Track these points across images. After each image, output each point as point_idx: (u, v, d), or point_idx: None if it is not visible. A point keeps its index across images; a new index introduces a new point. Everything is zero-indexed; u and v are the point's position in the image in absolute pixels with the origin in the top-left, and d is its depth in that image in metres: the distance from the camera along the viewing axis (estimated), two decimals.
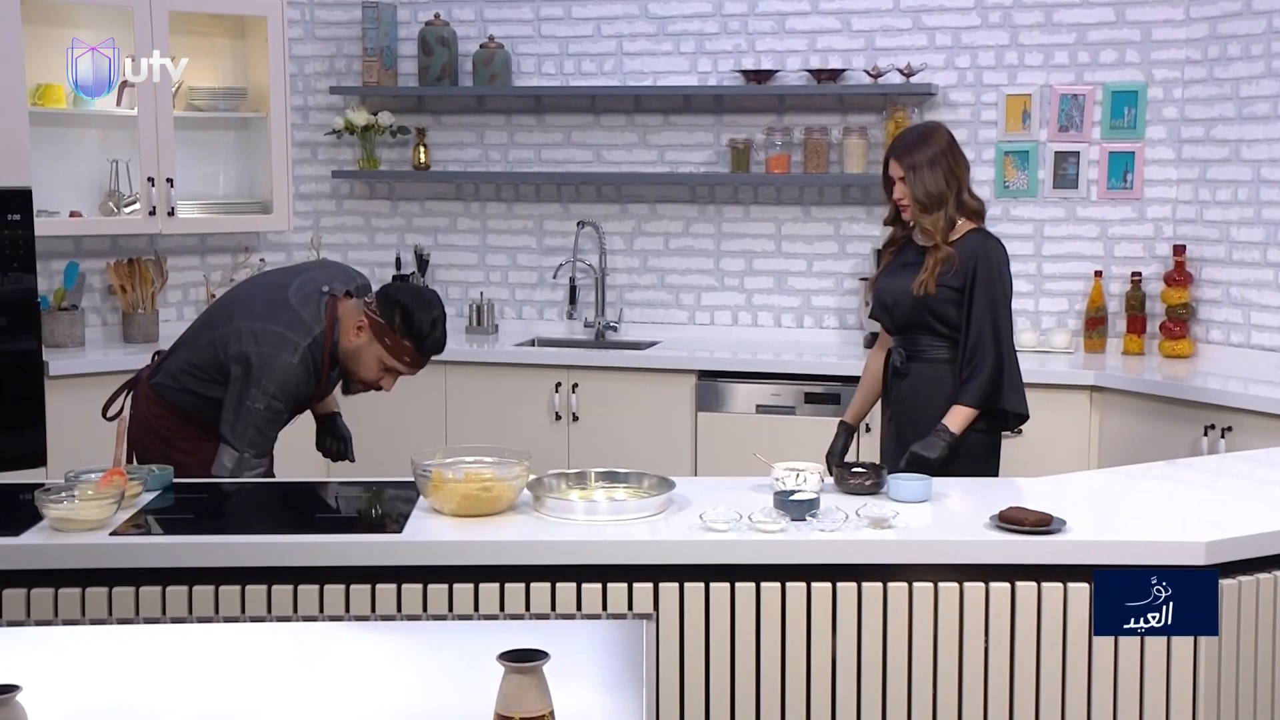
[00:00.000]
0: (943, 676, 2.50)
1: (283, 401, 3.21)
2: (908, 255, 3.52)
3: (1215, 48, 4.84)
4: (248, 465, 3.19)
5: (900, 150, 3.45)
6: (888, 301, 3.51)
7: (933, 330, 3.45)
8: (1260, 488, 3.18)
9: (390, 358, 3.27)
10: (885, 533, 2.55)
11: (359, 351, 3.27)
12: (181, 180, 5.18)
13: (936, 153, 3.41)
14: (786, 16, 5.33)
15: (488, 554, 2.49)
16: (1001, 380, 3.38)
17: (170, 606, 2.45)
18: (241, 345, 3.20)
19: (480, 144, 5.69)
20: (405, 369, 3.30)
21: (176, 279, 5.46)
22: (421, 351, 3.28)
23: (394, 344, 3.25)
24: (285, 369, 3.19)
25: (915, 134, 3.49)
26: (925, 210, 3.41)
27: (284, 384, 3.19)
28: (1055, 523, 2.55)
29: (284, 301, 3.25)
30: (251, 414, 3.18)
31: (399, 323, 3.24)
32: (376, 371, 3.29)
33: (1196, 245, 4.93)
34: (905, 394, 3.49)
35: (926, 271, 3.40)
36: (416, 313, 3.24)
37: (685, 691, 2.50)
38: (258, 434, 3.20)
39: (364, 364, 3.29)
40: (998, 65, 5.15)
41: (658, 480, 2.78)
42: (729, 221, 5.49)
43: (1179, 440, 4.24)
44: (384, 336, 3.24)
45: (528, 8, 5.58)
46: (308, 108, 5.74)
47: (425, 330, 3.25)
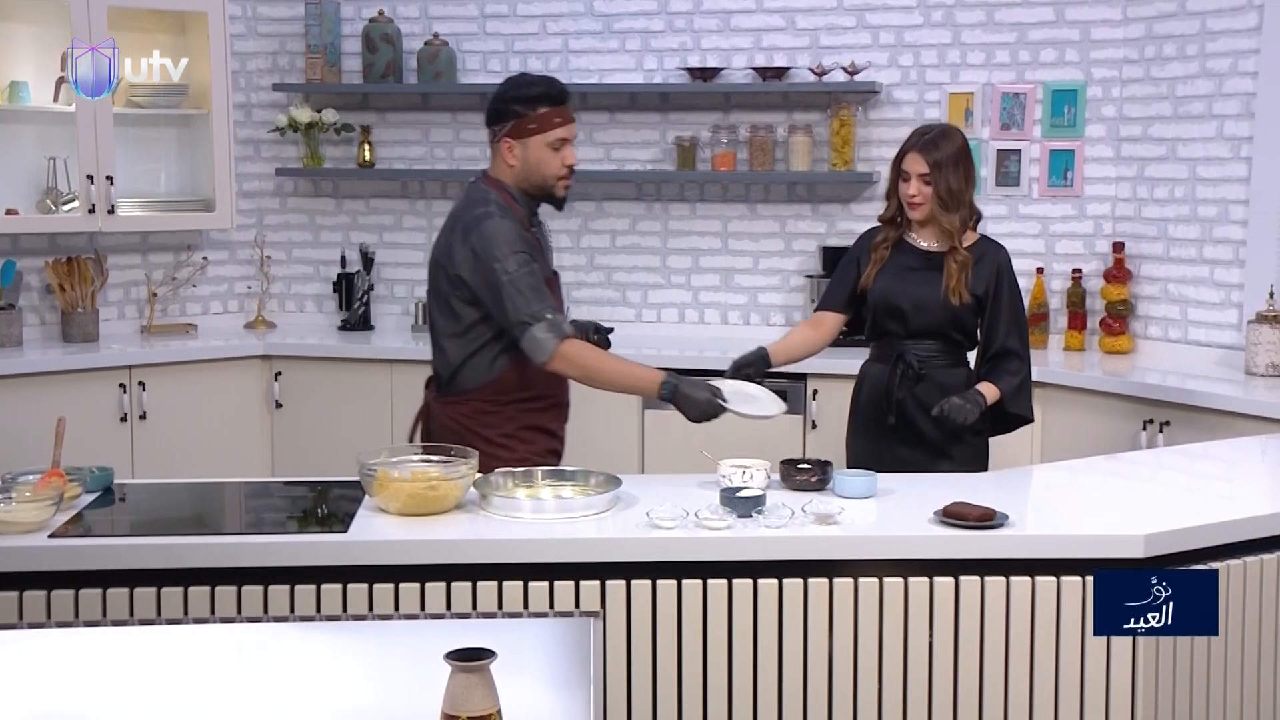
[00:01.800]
0: (888, 671, 2.52)
1: (525, 251, 3.11)
2: (907, 259, 3.46)
3: (1152, 48, 4.91)
4: (555, 325, 3.07)
5: (925, 145, 3.39)
6: (904, 307, 3.42)
7: (947, 338, 3.44)
8: (1197, 481, 3.24)
9: (545, 133, 3.16)
10: (831, 529, 2.57)
11: (526, 160, 3.18)
12: (122, 178, 5.11)
13: (958, 151, 3.39)
14: (732, 14, 5.35)
15: (434, 553, 2.48)
16: (1026, 388, 3.43)
17: (111, 609, 2.42)
18: (456, 261, 3.12)
19: (425, 142, 5.66)
20: (562, 129, 3.18)
21: (117, 278, 5.39)
22: (553, 100, 3.18)
23: (536, 120, 3.16)
24: (499, 228, 3.09)
25: (937, 131, 3.44)
26: (946, 208, 3.37)
27: (509, 238, 3.09)
28: (998, 517, 2.58)
29: (454, 214, 3.24)
30: (516, 283, 3.06)
31: (519, 108, 3.17)
32: (552, 157, 3.19)
33: (1135, 242, 5.01)
34: (916, 399, 3.42)
35: (953, 278, 3.37)
36: (519, 88, 3.20)
37: (632, 689, 2.51)
38: (533, 291, 3.07)
39: (539, 164, 3.18)
40: (940, 64, 5.19)
41: (604, 478, 2.78)
42: (675, 219, 5.50)
43: (1119, 435, 4.30)
44: (525, 126, 3.16)
45: (472, 5, 5.56)
46: (250, 105, 5.69)
47: (536, 88, 3.19)
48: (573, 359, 3.10)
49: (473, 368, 3.21)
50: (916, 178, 3.38)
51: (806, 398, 4.79)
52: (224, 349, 5.19)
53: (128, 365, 4.90)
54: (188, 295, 5.58)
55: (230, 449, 5.08)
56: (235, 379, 5.14)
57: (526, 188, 3.22)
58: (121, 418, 4.85)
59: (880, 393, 3.46)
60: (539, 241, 3.27)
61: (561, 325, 3.10)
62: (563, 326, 3.10)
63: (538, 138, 3.17)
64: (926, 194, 3.39)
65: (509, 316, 3.09)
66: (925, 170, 3.36)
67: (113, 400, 4.84)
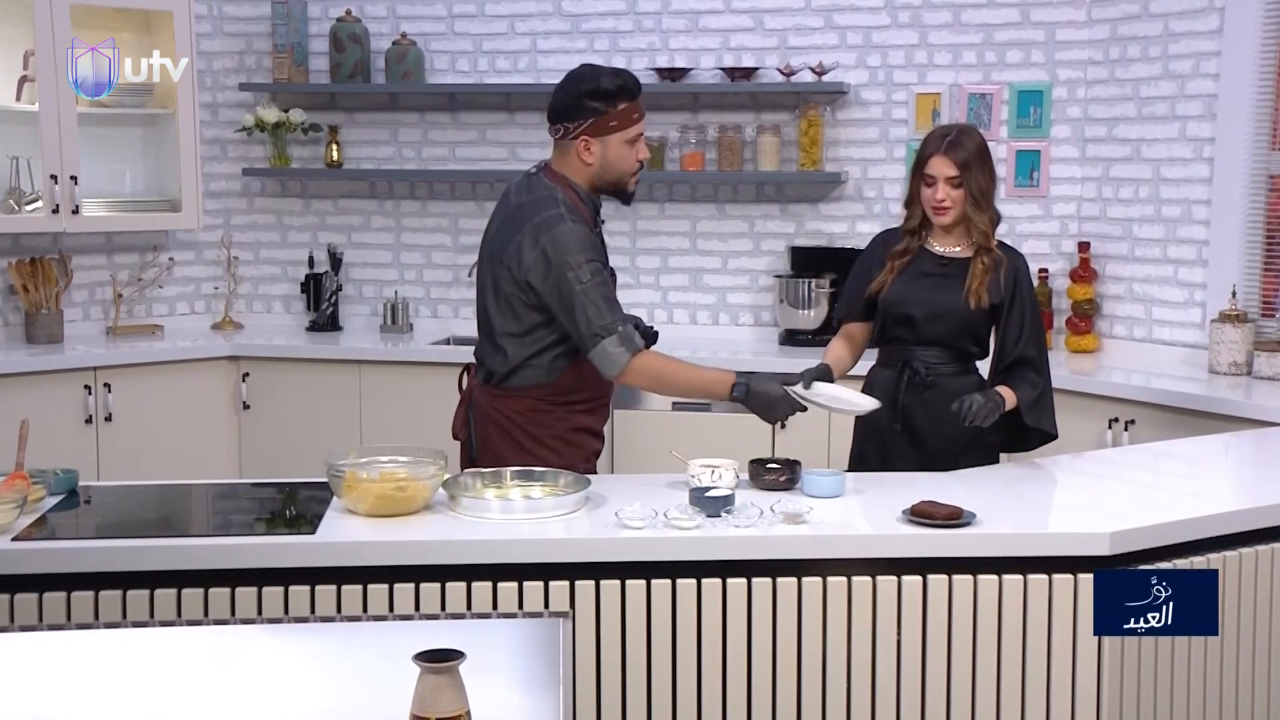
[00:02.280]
0: (857, 670, 2.53)
1: (597, 259, 3.04)
2: (923, 265, 3.32)
3: (1116, 49, 4.95)
4: (627, 338, 3.00)
5: (950, 147, 3.23)
6: (916, 315, 3.28)
7: (958, 346, 3.31)
8: (1162, 479, 3.27)
9: (625, 129, 3.08)
10: (799, 528, 2.57)
11: (604, 158, 3.09)
12: (86, 178, 5.07)
13: (981, 148, 3.26)
14: (700, 15, 5.35)
15: (403, 554, 2.47)
16: (1046, 401, 3.28)
17: (75, 613, 2.40)
18: (525, 265, 3.03)
19: (394, 141, 5.64)
20: (639, 124, 3.10)
21: (82, 278, 5.35)
22: (631, 95, 3.09)
23: (616, 118, 3.07)
24: (571, 233, 3.01)
25: (958, 130, 3.29)
26: (979, 208, 3.24)
27: (583, 244, 3.01)
28: (965, 516, 2.59)
29: (517, 208, 3.12)
30: (589, 293, 2.99)
31: (598, 104, 3.06)
32: (629, 153, 3.11)
33: (1100, 242, 5.05)
34: (926, 406, 3.30)
35: (976, 280, 3.24)
36: (596, 82, 3.07)
37: (602, 689, 2.51)
38: (606, 302, 3.01)
39: (618, 161, 3.10)
40: (908, 64, 5.22)
41: (573, 478, 2.78)
42: (644, 219, 5.50)
43: (1085, 433, 4.34)
44: (606, 123, 3.06)
45: (441, 4, 5.55)
46: (217, 104, 5.66)
47: (613, 82, 3.07)
48: (645, 372, 3.06)
49: (532, 368, 3.14)
50: (944, 182, 3.23)
51: None
52: (191, 350, 5.16)
53: (93, 367, 4.87)
54: (154, 296, 5.55)
55: (197, 451, 5.05)
56: (202, 380, 5.11)
57: (600, 185, 3.14)
58: (87, 419, 4.81)
59: (887, 400, 3.30)
60: (603, 242, 3.20)
61: (634, 338, 3.03)
62: (634, 339, 3.03)
63: (618, 135, 3.08)
64: (955, 197, 3.23)
65: (580, 328, 3.02)
66: (954, 173, 3.22)
67: (78, 402, 4.80)
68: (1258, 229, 4.61)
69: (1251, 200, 4.61)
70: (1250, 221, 4.61)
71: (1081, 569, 2.54)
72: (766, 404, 3.05)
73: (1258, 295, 4.61)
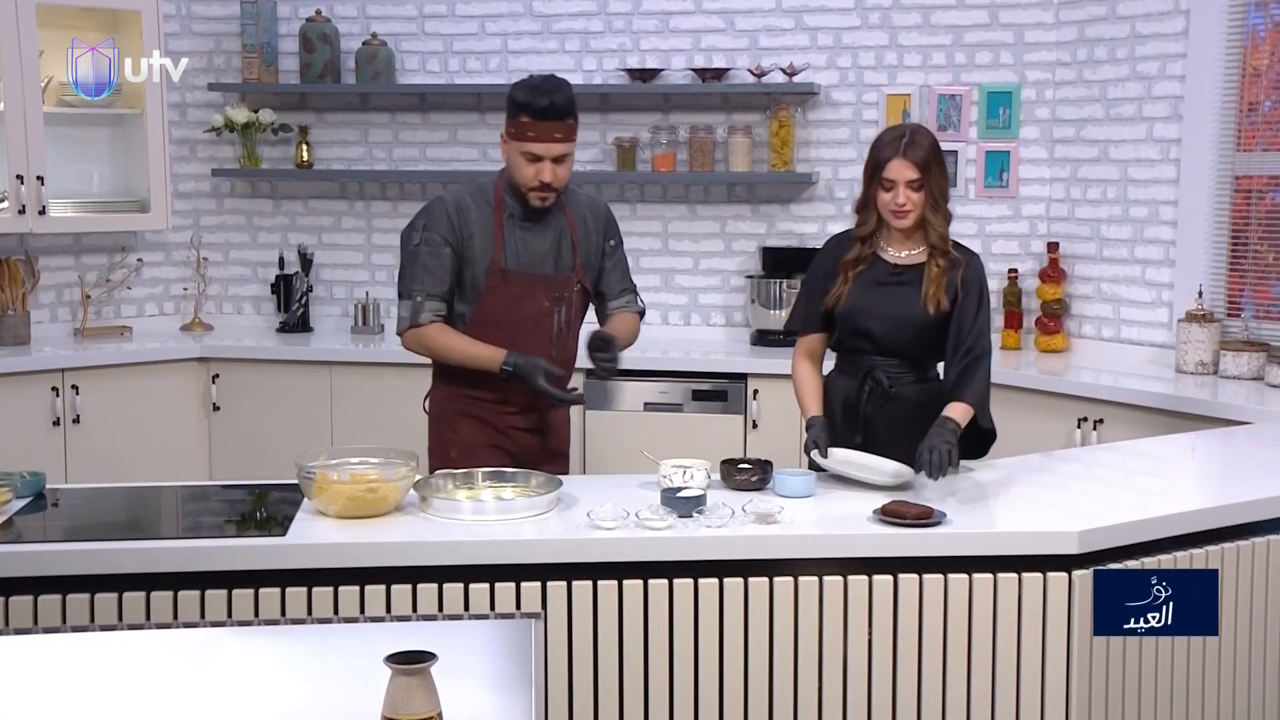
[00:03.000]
0: (828, 669, 2.54)
1: (436, 231, 3.20)
2: (879, 273, 3.23)
3: (1083, 50, 4.98)
4: (420, 308, 3.20)
5: (909, 148, 3.12)
6: (874, 328, 3.21)
7: (917, 354, 3.24)
8: (1130, 478, 3.29)
9: (518, 142, 3.18)
10: (771, 528, 2.58)
11: (509, 160, 3.24)
12: (53, 178, 5.03)
13: (935, 147, 3.18)
14: (671, 15, 5.36)
15: (373, 556, 2.47)
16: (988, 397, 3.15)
17: (43, 617, 2.38)
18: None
19: (364, 142, 5.63)
20: (533, 143, 3.16)
21: (49, 279, 5.31)
22: (532, 111, 3.16)
23: (515, 127, 3.18)
24: (431, 205, 3.25)
25: (912, 131, 3.18)
26: (937, 209, 3.16)
27: (430, 216, 3.23)
28: (936, 515, 2.61)
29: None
30: (411, 255, 3.22)
31: (512, 106, 3.20)
32: (525, 166, 3.19)
33: (1069, 242, 5.08)
34: (887, 418, 3.23)
35: (931, 284, 3.16)
36: (518, 88, 3.20)
37: (574, 690, 2.51)
38: (423, 271, 3.21)
39: (512, 166, 3.22)
40: (878, 65, 5.24)
41: (545, 479, 2.79)
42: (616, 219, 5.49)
43: (1054, 432, 4.36)
44: (510, 128, 3.21)
45: (411, 5, 5.53)
46: (185, 104, 5.62)
47: (525, 95, 3.17)
48: (418, 339, 3.27)
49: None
50: (905, 185, 3.12)
51: (747, 398, 4.82)
52: (160, 351, 5.13)
53: (60, 368, 4.83)
54: (122, 297, 5.51)
55: (167, 453, 5.02)
56: (171, 382, 5.08)
57: (511, 183, 3.27)
58: (54, 422, 4.78)
59: (847, 409, 3.27)
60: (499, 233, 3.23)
61: (420, 312, 3.21)
62: (420, 315, 3.22)
63: (515, 144, 3.19)
64: (916, 200, 3.14)
65: (398, 282, 3.30)
66: (915, 176, 3.12)
67: (45, 404, 4.77)
68: (1223, 229, 4.65)
69: (1217, 201, 4.65)
70: (1216, 222, 4.66)
71: (1051, 568, 2.56)
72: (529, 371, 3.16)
73: (1223, 295, 4.65)
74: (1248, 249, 4.63)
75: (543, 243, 3.29)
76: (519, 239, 3.27)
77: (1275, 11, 4.56)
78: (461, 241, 3.23)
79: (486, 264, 3.23)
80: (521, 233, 3.27)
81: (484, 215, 3.24)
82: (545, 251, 3.30)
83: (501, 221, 3.25)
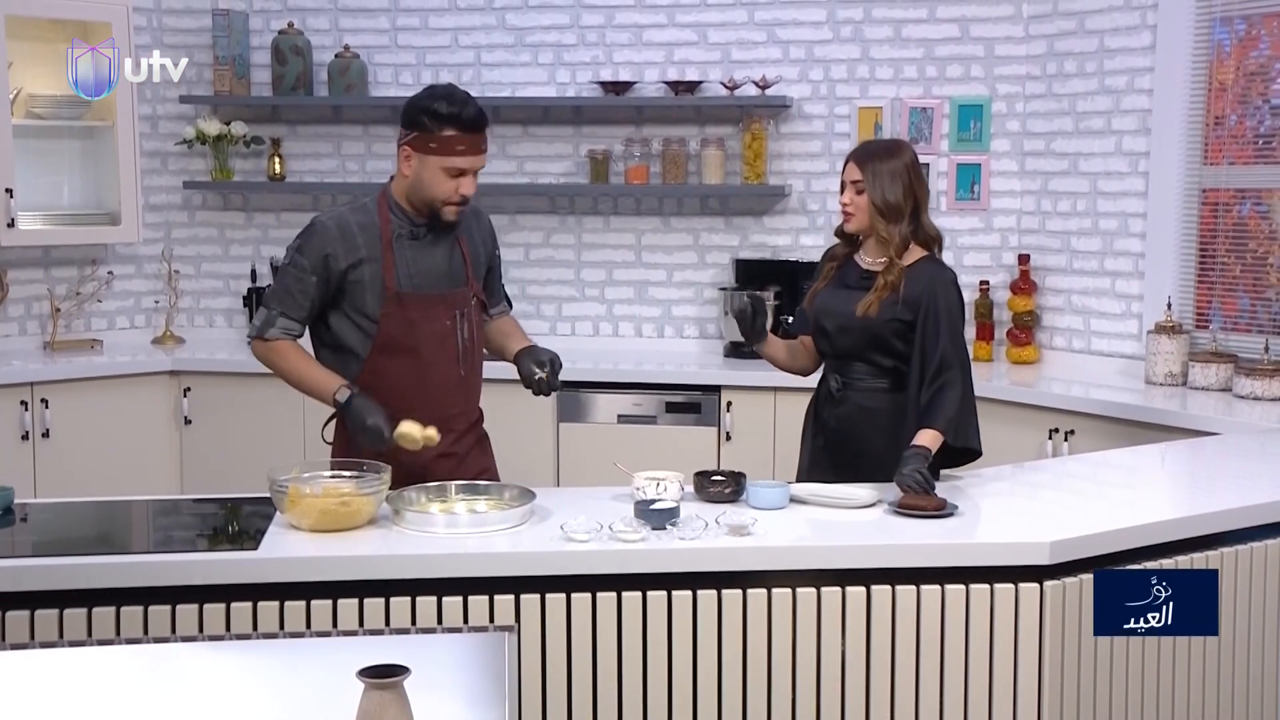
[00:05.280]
0: (802, 681, 2.54)
1: (307, 258, 3.05)
2: (849, 276, 3.30)
3: (1053, 64, 5.02)
4: (272, 322, 3.11)
5: (861, 155, 3.24)
6: (828, 327, 3.27)
7: (873, 362, 3.25)
8: (1101, 488, 3.31)
9: (444, 157, 3.01)
10: (744, 540, 2.59)
11: (420, 176, 3.04)
12: (23, 191, 5.00)
13: (900, 166, 3.21)
14: (644, 29, 5.38)
15: (346, 569, 2.46)
16: (969, 417, 3.18)
17: (11, 632, 2.37)
18: None
19: (337, 154, 5.61)
20: (462, 157, 3.01)
21: (18, 292, 5.27)
22: (462, 124, 3.00)
23: (438, 141, 3.00)
24: (312, 227, 3.09)
25: (880, 144, 3.35)
26: (884, 217, 3.19)
27: (307, 239, 3.07)
28: (949, 507, 2.70)
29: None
30: (280, 273, 3.15)
31: (425, 120, 3.00)
32: (446, 182, 3.04)
33: (1040, 254, 5.11)
34: (839, 421, 3.29)
35: (874, 292, 3.19)
36: (431, 100, 3.02)
37: (548, 703, 2.50)
38: (284, 291, 3.10)
39: (431, 184, 3.03)
40: (850, 79, 5.27)
41: (519, 491, 2.78)
42: (589, 232, 5.51)
43: (1025, 444, 4.39)
44: (426, 144, 3.01)
45: (384, 17, 5.53)
46: (157, 117, 5.60)
47: (448, 108, 3.00)
48: (265, 352, 3.17)
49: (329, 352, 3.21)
50: (850, 185, 3.23)
51: (720, 410, 4.83)
52: (130, 365, 5.09)
53: (29, 382, 4.79)
54: (93, 310, 5.47)
55: (137, 467, 4.98)
56: (142, 395, 5.05)
57: (414, 201, 3.09)
58: (23, 435, 4.74)
59: (813, 412, 3.37)
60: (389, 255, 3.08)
61: (269, 327, 3.12)
62: (268, 329, 3.11)
63: (436, 159, 3.01)
64: (859, 204, 3.21)
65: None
66: (857, 177, 3.21)
67: (13, 418, 4.73)
68: (1191, 242, 4.69)
69: (1185, 213, 4.69)
70: (1184, 234, 4.70)
71: (1023, 578, 2.57)
72: (355, 423, 2.97)
73: (1192, 307, 4.69)
74: (1215, 261, 4.68)
75: (434, 259, 3.15)
76: (409, 259, 3.11)
77: (1240, 27, 4.62)
78: (346, 271, 3.06)
79: (379, 289, 3.07)
80: (412, 252, 3.11)
81: (371, 238, 3.08)
82: (437, 268, 3.15)
83: (390, 243, 3.09)
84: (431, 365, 3.11)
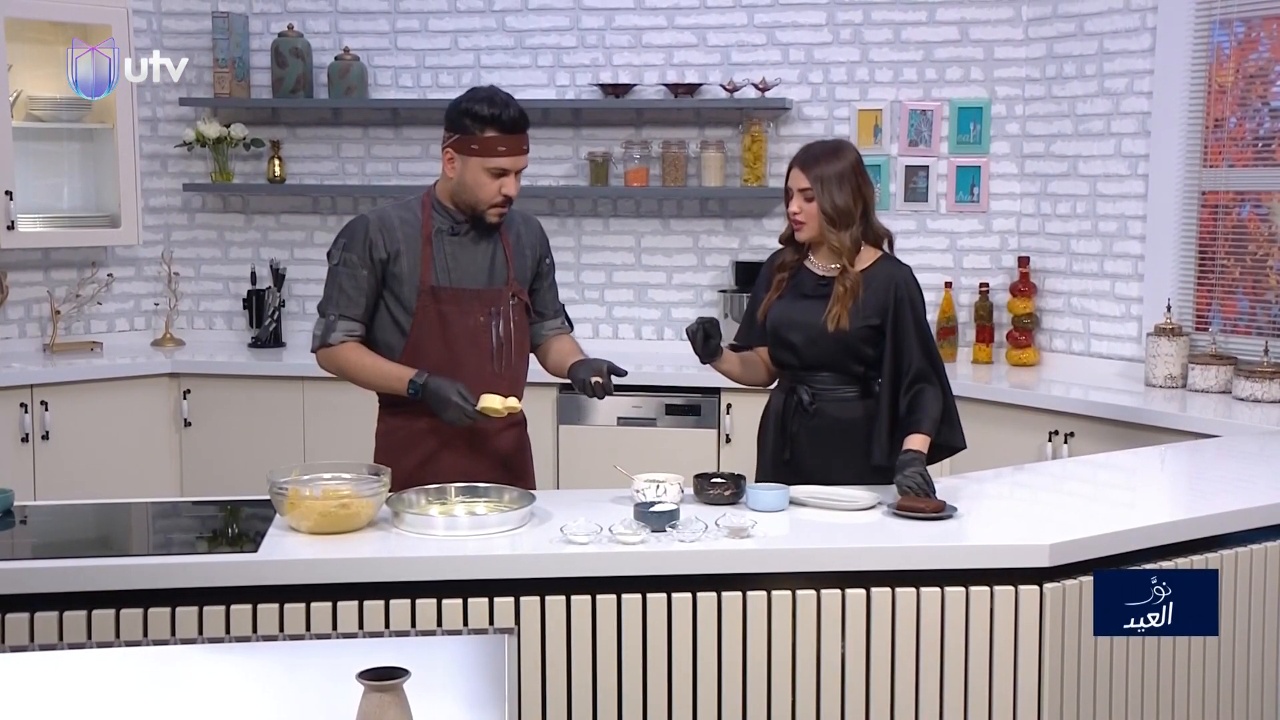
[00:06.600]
0: (802, 684, 2.54)
1: (354, 252, 3.10)
2: (805, 285, 3.24)
3: (1052, 67, 5.03)
4: (333, 328, 3.13)
5: (807, 161, 3.17)
6: (794, 340, 3.22)
7: (843, 370, 3.20)
8: (1100, 490, 3.31)
9: (485, 158, 3.06)
10: (744, 542, 2.59)
11: (463, 177, 3.09)
12: (22, 193, 5.00)
13: (846, 168, 3.16)
14: (644, 31, 5.38)
15: (346, 572, 2.46)
16: (950, 415, 3.16)
17: (10, 634, 2.37)
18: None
19: (337, 156, 5.62)
20: (504, 157, 3.07)
21: (18, 295, 5.27)
22: (503, 125, 3.05)
23: (480, 143, 3.05)
24: (353, 223, 3.16)
25: (823, 147, 3.23)
26: (834, 225, 3.14)
27: (350, 235, 3.13)
28: (947, 509, 2.70)
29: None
30: (331, 274, 3.15)
31: (467, 121, 3.05)
32: (489, 183, 3.09)
33: (1039, 257, 5.12)
34: (811, 434, 3.22)
35: (837, 301, 3.14)
36: (472, 102, 3.06)
37: (547, 705, 2.50)
38: (338, 292, 3.13)
39: (475, 186, 3.09)
40: (850, 81, 5.27)
41: (518, 494, 2.78)
42: (588, 234, 5.51)
43: (1025, 446, 4.39)
44: (469, 145, 3.06)
45: (384, 20, 5.53)
46: (156, 119, 5.60)
47: (488, 109, 3.05)
48: (330, 359, 3.19)
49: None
50: (798, 194, 3.17)
51: (720, 412, 4.83)
52: (130, 367, 5.09)
53: (29, 384, 4.79)
54: (92, 313, 5.47)
55: (137, 469, 4.98)
56: (142, 398, 5.05)
57: (458, 202, 3.14)
58: (23, 438, 4.74)
59: (777, 424, 3.28)
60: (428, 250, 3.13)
61: (331, 332, 3.14)
62: (330, 336, 3.14)
63: (478, 160, 3.06)
64: (809, 211, 3.16)
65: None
66: (805, 185, 3.15)
67: (13, 420, 4.73)
68: (1191, 244, 4.69)
69: (1185, 216, 4.69)
70: (1184, 236, 4.70)
71: (1023, 580, 2.57)
72: (439, 401, 3.03)
73: (1191, 309, 4.69)
74: (1214, 263, 4.68)
75: (474, 257, 3.18)
76: (448, 255, 3.15)
77: (1239, 29, 4.62)
78: (387, 261, 3.12)
79: (415, 283, 3.12)
80: (451, 247, 3.16)
81: (411, 233, 3.14)
82: (477, 265, 3.18)
83: (430, 238, 3.14)
84: (464, 361, 3.14)
